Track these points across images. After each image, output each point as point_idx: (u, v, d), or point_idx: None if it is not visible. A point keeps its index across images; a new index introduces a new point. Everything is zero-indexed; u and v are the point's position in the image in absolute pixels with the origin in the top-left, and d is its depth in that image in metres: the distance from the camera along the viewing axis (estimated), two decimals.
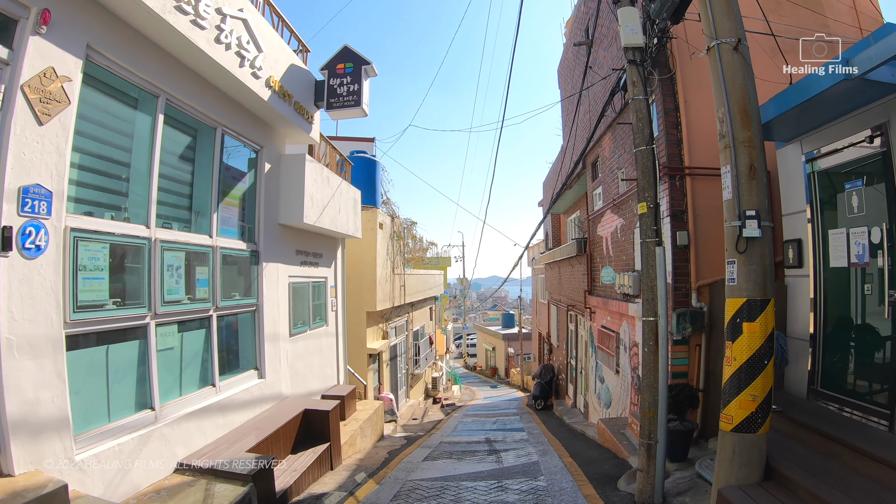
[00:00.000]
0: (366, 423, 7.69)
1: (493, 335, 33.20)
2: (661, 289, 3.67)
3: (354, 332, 9.70)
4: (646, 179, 3.89)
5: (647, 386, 3.71)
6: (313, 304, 7.55)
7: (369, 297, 9.67)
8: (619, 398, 6.82)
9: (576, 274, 10.02)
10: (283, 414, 5.64)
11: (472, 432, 9.14)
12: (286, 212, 6.42)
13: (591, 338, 8.65)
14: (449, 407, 15.85)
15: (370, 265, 9.76)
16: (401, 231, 11.65)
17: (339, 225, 7.75)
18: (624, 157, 6.82)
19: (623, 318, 6.72)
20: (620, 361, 6.81)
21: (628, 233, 6.58)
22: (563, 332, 12.30)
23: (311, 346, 7.37)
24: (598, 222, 8.36)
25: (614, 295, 7.20)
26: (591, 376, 8.70)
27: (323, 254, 7.93)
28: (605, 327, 7.61)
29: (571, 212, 13.84)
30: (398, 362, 12.22)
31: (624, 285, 6.35)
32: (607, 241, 7.68)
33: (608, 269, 7.53)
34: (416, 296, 13.33)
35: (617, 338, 6.93)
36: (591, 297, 8.47)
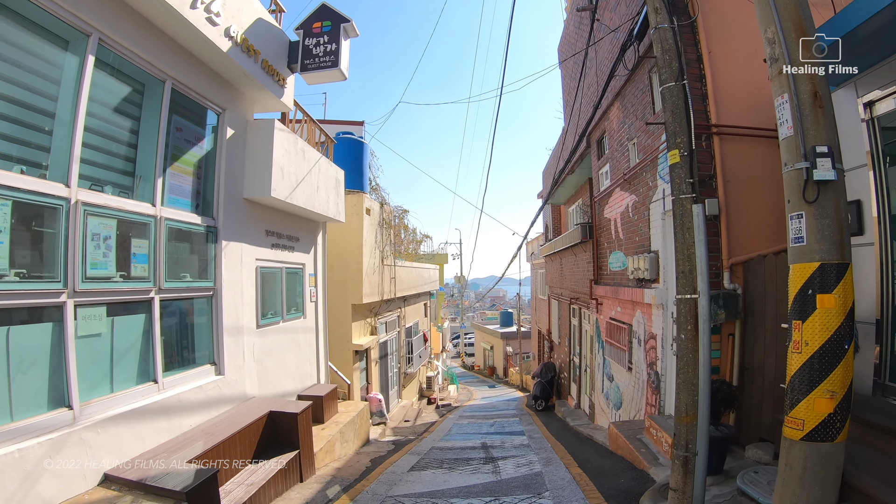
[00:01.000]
0: (347, 426, 6.89)
1: (491, 334, 32.42)
2: (702, 258, 2.87)
3: (338, 326, 8.88)
4: (676, 122, 3.10)
5: (683, 384, 2.91)
6: (287, 293, 6.75)
7: (355, 288, 8.86)
8: (632, 398, 6.02)
9: (580, 263, 9.22)
10: (243, 417, 4.84)
11: (467, 436, 8.33)
12: (252, 184, 5.62)
13: (598, 332, 7.85)
14: (444, 408, 15.03)
15: (356, 254, 8.95)
16: (391, 219, 10.85)
17: (318, 205, 6.95)
18: (636, 125, 6.03)
19: (636, 308, 5.92)
20: (634, 357, 6.01)
21: (642, 210, 5.78)
22: (564, 327, 11.50)
23: (284, 340, 6.56)
24: (605, 204, 7.57)
25: (625, 282, 6.40)
26: (597, 374, 7.90)
27: (300, 238, 7.12)
28: (615, 319, 6.80)
29: (573, 201, 13.05)
30: (389, 360, 11.41)
31: (638, 269, 5.55)
32: (616, 223, 6.88)
33: (618, 253, 6.73)
34: (408, 290, 12.51)
35: (629, 330, 6.13)
36: (597, 286, 7.67)
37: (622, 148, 6.65)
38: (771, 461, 3.84)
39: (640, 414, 5.75)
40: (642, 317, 5.72)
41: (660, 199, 5.24)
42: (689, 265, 2.91)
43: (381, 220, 10.17)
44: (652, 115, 5.55)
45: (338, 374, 8.16)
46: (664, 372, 5.10)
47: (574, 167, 9.95)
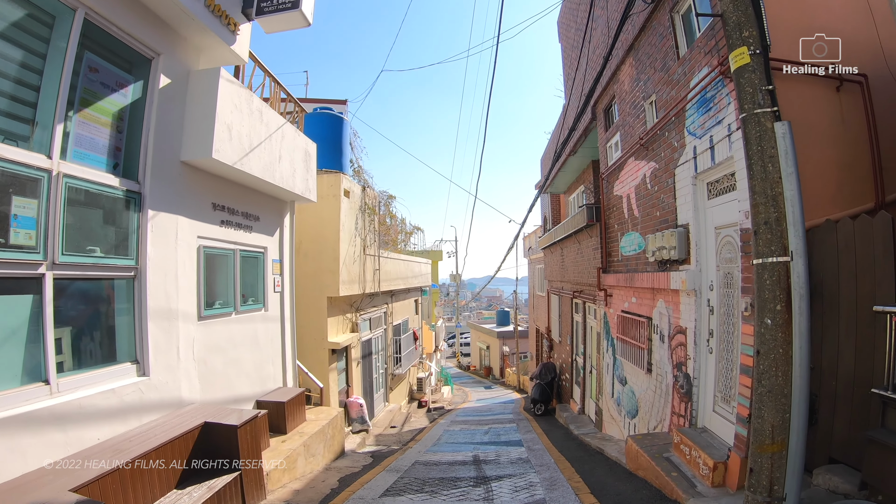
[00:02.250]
0: (315, 437, 5.87)
1: (487, 333, 31.42)
2: (794, 200, 1.89)
3: (312, 321, 7.86)
4: (740, 9, 2.11)
5: (768, 394, 1.94)
6: (243, 279, 5.74)
7: (331, 278, 7.84)
8: (652, 405, 5.03)
9: (584, 251, 8.23)
10: (169, 429, 3.83)
11: (457, 447, 7.32)
12: (191, 144, 4.61)
13: (606, 328, 6.86)
14: (436, 411, 14.01)
15: (332, 240, 7.93)
16: (375, 205, 9.83)
17: (281, 178, 5.94)
18: (655, 78, 5.05)
19: (658, 296, 4.93)
20: (654, 356, 5.02)
21: (664, 178, 4.80)
22: (566, 324, 10.50)
23: (238, 335, 5.55)
24: (614, 180, 6.58)
25: (642, 266, 5.41)
26: (605, 377, 6.90)
27: (260, 217, 6.11)
28: (629, 312, 5.82)
29: (574, 188, 12.07)
30: (374, 361, 10.39)
31: (662, 248, 4.56)
32: (629, 199, 5.90)
33: (632, 234, 5.74)
34: (396, 283, 11.50)
35: (648, 324, 5.14)
36: (606, 275, 6.68)
37: (636, 110, 5.67)
38: (854, 492, 2.86)
39: (662, 425, 4.76)
40: (666, 307, 4.73)
41: (689, 160, 4.26)
42: (776, 211, 1.94)
43: (364, 204, 9.15)
44: (675, 61, 4.57)
45: (308, 375, 7.14)
46: (697, 374, 4.11)
47: (577, 146, 8.96)
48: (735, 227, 3.72)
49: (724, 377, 3.87)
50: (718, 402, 3.94)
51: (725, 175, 3.87)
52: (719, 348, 3.93)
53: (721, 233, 3.94)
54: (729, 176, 3.83)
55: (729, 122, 3.63)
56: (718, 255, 3.97)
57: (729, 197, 3.81)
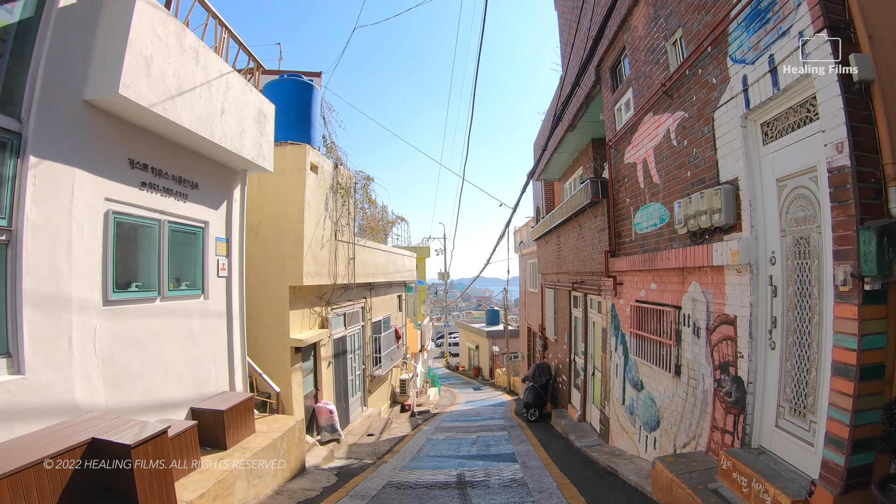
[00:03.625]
0: (264, 453, 4.77)
1: (476, 332, 30.40)
2: None
3: (270, 314, 6.75)
4: None
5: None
6: (174, 258, 4.63)
7: (294, 265, 6.73)
8: (682, 417, 4.00)
9: (586, 235, 7.20)
10: (41, 446, 2.72)
11: (440, 461, 6.25)
12: (96, 79, 3.54)
13: (615, 322, 5.84)
14: (421, 416, 12.93)
15: (295, 220, 6.82)
16: (350, 186, 8.72)
17: (224, 137, 4.83)
18: (682, 7, 4.03)
19: (691, 278, 3.91)
20: (685, 354, 3.99)
21: (698, 127, 3.78)
22: (563, 321, 9.49)
23: (165, 326, 4.45)
24: (624, 146, 5.57)
25: (666, 243, 4.39)
26: (613, 380, 5.88)
27: (199, 184, 5.00)
28: (647, 301, 4.80)
29: (571, 173, 11.08)
30: (349, 361, 9.27)
31: (701, 213, 3.54)
32: (646, 164, 4.88)
33: (651, 206, 4.73)
34: (375, 276, 10.39)
35: (675, 315, 4.12)
36: (616, 259, 5.66)
37: (654, 56, 4.66)
38: None
39: (696, 442, 3.74)
40: (702, 292, 3.71)
41: (736, 95, 3.24)
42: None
43: (335, 183, 8.04)
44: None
45: (262, 377, 6.02)
46: (753, 378, 3.09)
47: (576, 119, 7.94)
48: (812, 174, 2.72)
49: (794, 381, 2.86)
50: (785, 415, 2.93)
51: (794, 106, 2.86)
52: (786, 342, 2.92)
53: (787, 185, 2.93)
54: (798, 107, 2.82)
55: (801, 29, 2.62)
56: (784, 215, 2.96)
57: (801, 133, 2.80)
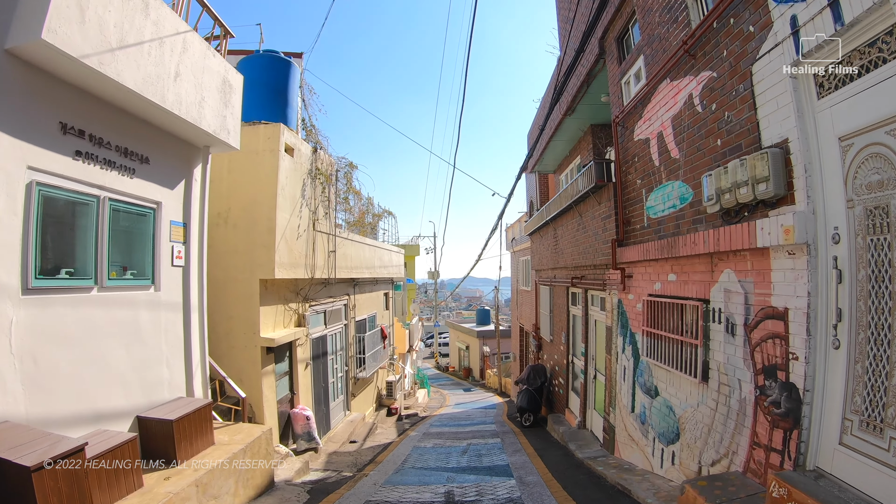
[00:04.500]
0: (221, 470, 4.11)
1: (466, 332, 29.78)
2: None
3: (238, 310, 6.06)
4: None
5: None
6: (117, 242, 3.95)
7: (265, 256, 6.04)
8: (711, 430, 3.41)
9: (588, 225, 6.61)
10: None
11: (426, 475, 5.61)
12: (18, 23, 2.87)
13: (622, 319, 5.25)
14: (408, 420, 12.28)
15: (267, 206, 6.14)
16: (331, 173, 8.04)
17: (178, 104, 4.15)
18: None
19: (723, 265, 3.32)
20: (715, 356, 3.40)
21: (732, 85, 3.19)
22: (560, 319, 8.90)
23: (104, 320, 3.78)
24: (634, 121, 4.98)
25: (689, 226, 3.80)
26: (620, 384, 5.29)
27: (150, 158, 4.31)
28: (664, 295, 4.21)
29: (567, 164, 10.50)
30: (330, 362, 8.59)
31: (740, 184, 2.95)
32: (662, 138, 4.29)
33: (669, 185, 4.14)
34: (359, 271, 9.72)
35: (703, 310, 3.53)
36: (624, 249, 5.07)
37: (672, 14, 4.07)
38: None
39: (731, 461, 3.14)
40: (739, 280, 3.12)
41: (783, 41, 2.66)
42: None
43: (314, 169, 7.37)
44: None
45: (227, 381, 5.33)
46: (811, 384, 2.50)
47: (575, 101, 7.35)
48: (890, 126, 2.13)
49: (866, 388, 2.27)
50: (853, 431, 2.34)
51: (862, 46, 2.27)
52: (856, 339, 2.33)
53: (854, 143, 2.34)
54: (867, 46, 2.24)
55: None
56: (850, 181, 2.38)
57: (872, 78, 2.22)
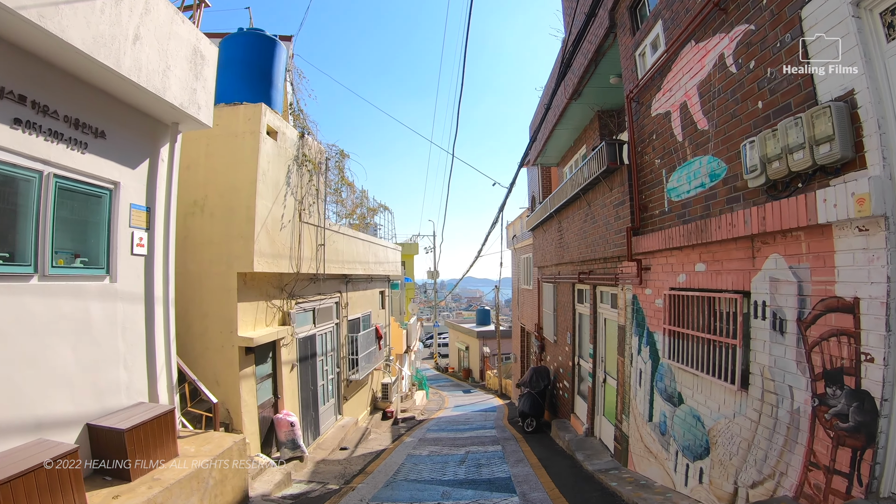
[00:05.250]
0: (182, 486, 3.59)
1: (466, 333, 29.25)
2: None
3: (214, 307, 5.54)
4: None
5: None
6: (64, 225, 3.43)
7: (243, 247, 5.52)
8: (752, 445, 2.87)
9: (598, 214, 6.07)
10: None
11: (419, 490, 5.08)
12: None
13: (638, 317, 4.72)
14: (405, 423, 11.75)
15: (247, 192, 5.61)
16: (320, 161, 7.52)
17: (137, 71, 3.62)
18: None
19: (768, 249, 2.78)
20: (759, 357, 2.86)
21: (775, 37, 2.65)
22: (564, 318, 8.36)
23: (45, 314, 3.28)
24: (651, 95, 4.45)
25: (722, 205, 3.26)
26: (635, 389, 4.76)
27: (107, 132, 3.79)
28: (687, 289, 3.68)
29: (571, 155, 9.98)
30: (319, 364, 8.06)
31: (795, 148, 2.41)
32: (686, 110, 3.76)
33: (695, 162, 3.61)
34: (351, 267, 9.19)
35: (741, 304, 2.99)
36: (641, 237, 4.54)
37: None
38: None
39: (779, 483, 2.61)
40: (789, 267, 2.59)
41: None
42: None
43: (301, 155, 6.84)
44: None
45: (197, 384, 4.80)
46: (890, 393, 1.97)
47: (581, 84, 6.82)
48: None
49: None
50: None
51: None
52: None
53: None
54: None
55: None
56: None
57: None
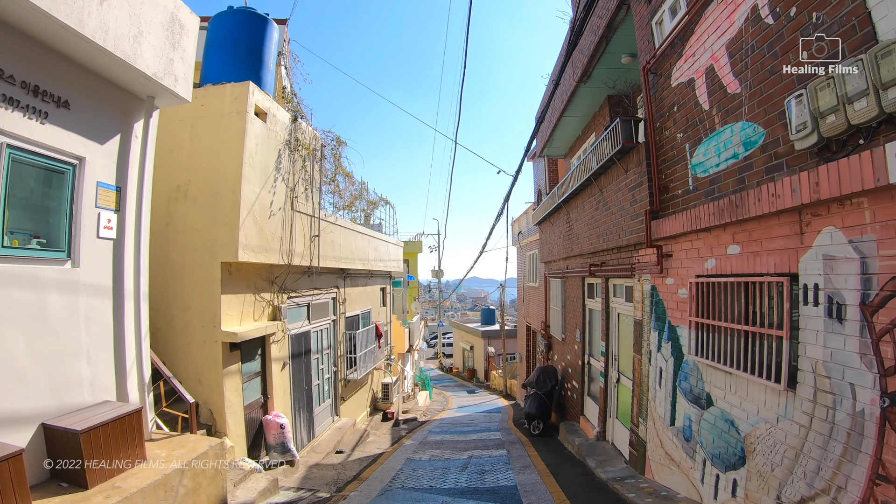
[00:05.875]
0: (146, 497, 3.19)
1: (470, 332, 28.79)
2: None
3: (195, 298, 5.15)
4: None
5: None
6: (15, 201, 3.05)
7: (227, 235, 5.12)
8: (801, 454, 2.42)
9: (611, 200, 5.62)
10: None
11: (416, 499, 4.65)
12: None
13: (658, 310, 4.27)
14: (406, 425, 11.34)
15: (232, 176, 5.21)
16: (316, 147, 7.11)
17: (102, 33, 3.23)
18: None
19: (821, 223, 2.34)
20: (810, 351, 2.42)
21: None
22: (573, 315, 7.92)
23: None
24: (671, 63, 3.99)
25: (760, 176, 2.82)
26: (655, 390, 4.31)
27: (70, 102, 3.41)
28: (718, 275, 3.24)
29: (579, 146, 9.53)
30: (314, 362, 7.66)
31: (857, 94, 1.97)
32: (713, 74, 3.31)
33: (726, 130, 3.16)
34: (350, 262, 8.79)
35: (786, 289, 2.55)
36: (662, 220, 4.09)
37: None
38: None
39: (832, 498, 2.17)
40: (848, 241, 2.15)
41: None
42: None
43: (293, 139, 6.44)
44: None
45: (172, 382, 4.40)
46: None
47: (591, 64, 6.36)
48: None
49: None
50: None
51: None
52: None
53: None
54: None
55: None
56: None
57: None
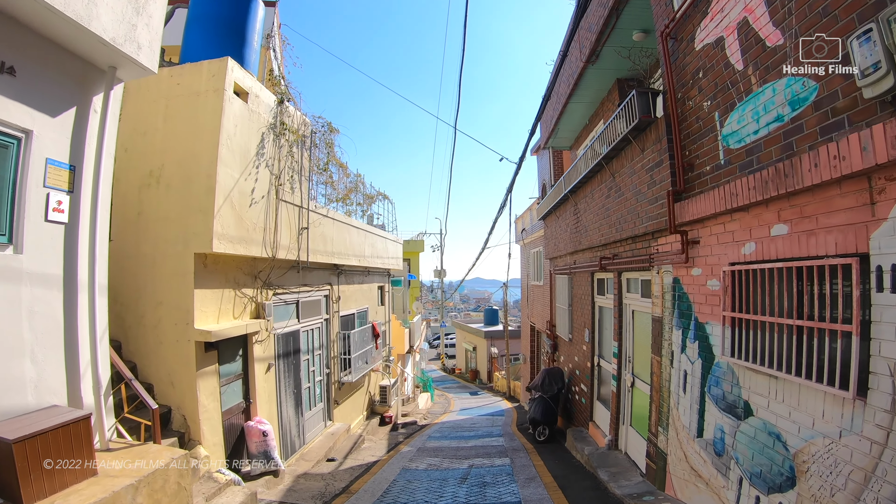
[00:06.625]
0: None
1: (473, 333, 28.29)
2: None
3: (166, 293, 4.69)
4: None
5: None
6: None
7: (201, 223, 4.66)
8: (872, 477, 1.93)
9: (625, 185, 5.11)
10: None
11: None
12: None
13: (681, 305, 3.77)
14: (405, 429, 10.86)
15: (207, 158, 4.75)
16: (305, 133, 6.65)
17: None
18: None
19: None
20: (885, 348, 1.93)
21: None
22: (581, 314, 7.41)
23: None
24: (694, 24, 3.50)
25: (811, 140, 2.33)
26: (678, 396, 3.81)
27: (17, 69, 2.95)
28: (759, 261, 2.74)
29: (586, 136, 9.03)
30: (304, 363, 7.20)
31: None
32: (748, 27, 2.82)
33: (765, 91, 2.67)
34: (343, 257, 8.32)
35: (856, 274, 2.06)
36: (686, 202, 3.59)
37: None
38: None
39: None
40: None
41: None
42: None
43: (279, 124, 5.98)
44: None
45: (133, 384, 3.93)
46: None
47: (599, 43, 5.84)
48: None
49: None
50: None
51: None
52: None
53: None
54: None
55: None
56: None
57: None
